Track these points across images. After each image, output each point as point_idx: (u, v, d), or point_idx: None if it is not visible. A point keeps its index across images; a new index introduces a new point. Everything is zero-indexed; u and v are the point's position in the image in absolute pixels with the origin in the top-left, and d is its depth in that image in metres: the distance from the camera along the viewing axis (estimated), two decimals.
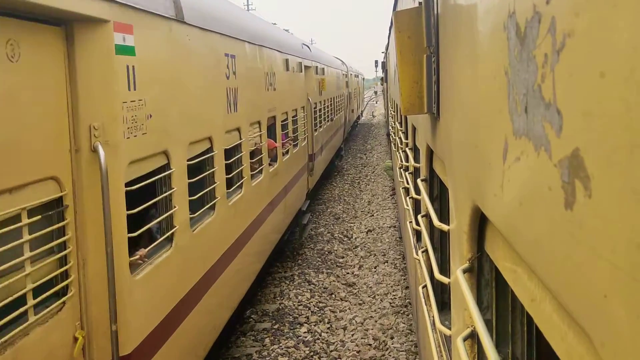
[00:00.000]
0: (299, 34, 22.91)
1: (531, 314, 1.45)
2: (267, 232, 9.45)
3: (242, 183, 7.56)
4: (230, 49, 7.06)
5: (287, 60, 11.23)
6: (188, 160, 5.45)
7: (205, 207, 6.16)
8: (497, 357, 1.50)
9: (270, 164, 9.54)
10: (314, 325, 8.98)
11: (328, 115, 19.75)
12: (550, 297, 1.25)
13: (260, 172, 8.78)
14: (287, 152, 11.25)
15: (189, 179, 5.49)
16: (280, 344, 8.34)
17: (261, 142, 8.75)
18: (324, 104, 18.61)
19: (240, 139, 7.44)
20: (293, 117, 12.20)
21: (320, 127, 17.34)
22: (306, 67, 14.42)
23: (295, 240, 13.11)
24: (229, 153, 6.99)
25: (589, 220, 0.92)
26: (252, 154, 8.20)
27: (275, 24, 15.78)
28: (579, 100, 0.96)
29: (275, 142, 9.97)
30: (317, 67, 16.53)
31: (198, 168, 5.98)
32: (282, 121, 10.80)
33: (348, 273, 11.43)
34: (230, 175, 6.97)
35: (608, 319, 0.86)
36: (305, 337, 8.57)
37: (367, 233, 14.16)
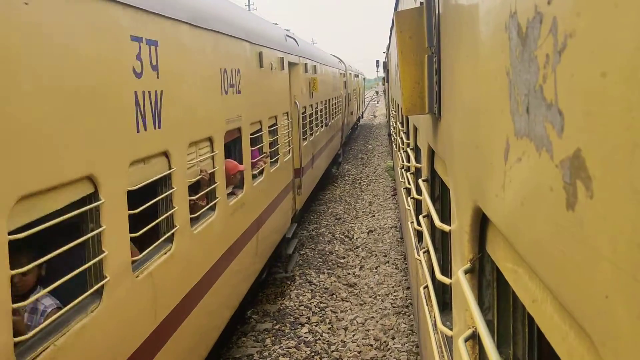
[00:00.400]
0: (300, 34, 22.16)
1: (532, 314, 1.45)
2: (222, 295, 6.61)
3: (172, 235, 4.96)
4: (147, 32, 4.44)
5: (260, 54, 8.46)
6: (18, 230, 2.93)
7: (82, 298, 3.56)
8: (499, 358, 1.50)
9: (231, 194, 7.09)
10: (315, 326, 8.98)
11: (321, 121, 17.15)
12: (551, 298, 1.25)
13: (213, 208, 6.18)
14: (261, 172, 8.60)
15: (40, 253, 3.27)
16: (282, 345, 8.34)
17: (214, 167, 6.18)
18: (316, 108, 15.84)
19: (170, 168, 4.87)
20: (271, 126, 9.45)
21: (311, 135, 14.63)
22: (292, 64, 11.72)
23: (276, 280, 10.84)
24: (145, 194, 4.50)
25: (590, 220, 0.92)
26: (197, 186, 5.82)
27: (276, 23, 15.15)
28: (580, 101, 0.95)
29: (241, 163, 7.49)
30: (306, 64, 13.63)
31: (69, 229, 3.59)
32: (252, 134, 8.11)
33: (349, 273, 11.42)
34: (138, 233, 4.27)
35: (609, 319, 0.85)
36: (307, 338, 8.57)
37: (368, 233, 14.15)
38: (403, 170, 7.50)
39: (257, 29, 9.08)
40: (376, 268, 11.62)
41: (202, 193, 5.89)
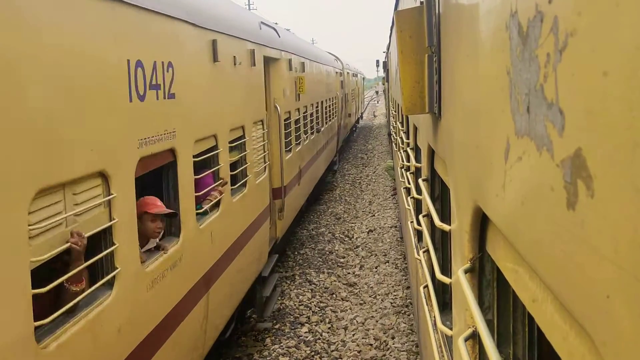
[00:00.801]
0: (300, 33, 21.73)
1: (532, 314, 1.45)
2: None
3: None
4: None
5: (214, 42, 6.06)
6: None
7: None
8: (499, 358, 1.49)
9: (157, 249, 4.77)
10: (315, 325, 8.98)
11: (312, 127, 14.77)
12: (551, 298, 1.25)
13: (111, 284, 3.84)
14: (217, 205, 6.20)
15: None
16: (281, 344, 8.34)
17: (112, 219, 3.83)
18: (305, 112, 13.47)
19: None
20: (235, 140, 7.04)
21: (297, 144, 12.34)
22: (270, 60, 9.54)
23: (246, 332, 8.63)
24: None
25: (591, 220, 0.91)
26: (67, 256, 3.43)
27: (276, 23, 14.73)
28: (581, 100, 0.95)
29: (175, 199, 5.14)
30: (290, 60, 11.22)
31: None
32: (199, 155, 5.65)
33: (349, 273, 11.43)
34: None
35: (610, 319, 0.85)
36: (306, 337, 8.57)
37: (368, 233, 14.16)
38: (403, 169, 7.50)
39: (207, 6, 6.34)
40: (376, 267, 11.62)
41: (65, 276, 3.32)
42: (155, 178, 5.08)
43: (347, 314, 9.40)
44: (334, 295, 10.24)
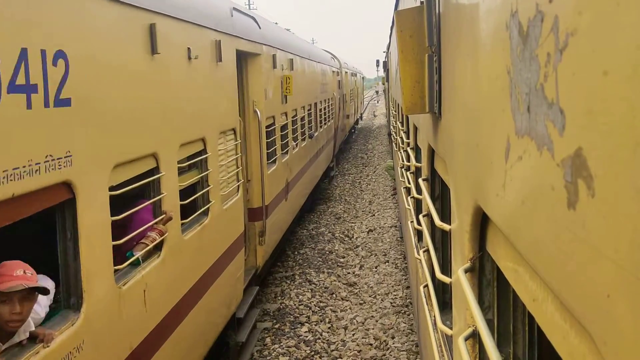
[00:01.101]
0: (300, 34, 21.53)
1: (533, 313, 1.45)
2: None
3: None
4: None
5: (152, 27, 4.48)
6: None
7: None
8: (499, 357, 1.49)
9: (30, 341, 3.07)
10: (315, 325, 8.98)
11: (303, 132, 13.15)
12: (552, 297, 1.25)
13: None
14: (159, 247, 4.66)
15: None
16: (281, 344, 8.34)
17: None
18: (294, 116, 11.83)
19: None
20: (190, 157, 5.59)
21: (285, 154, 10.66)
22: (247, 55, 8.10)
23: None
24: None
25: (591, 220, 0.92)
26: None
27: (277, 23, 14.36)
28: (581, 99, 0.95)
29: (76, 256, 3.41)
30: (274, 55, 9.60)
31: None
32: (123, 183, 4.06)
33: (349, 273, 11.43)
34: None
35: (611, 318, 0.85)
36: (306, 337, 8.57)
37: (368, 233, 14.16)
38: (403, 169, 7.51)
39: None
40: (376, 267, 11.62)
41: None
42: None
43: (347, 314, 9.40)
44: (334, 295, 10.24)
